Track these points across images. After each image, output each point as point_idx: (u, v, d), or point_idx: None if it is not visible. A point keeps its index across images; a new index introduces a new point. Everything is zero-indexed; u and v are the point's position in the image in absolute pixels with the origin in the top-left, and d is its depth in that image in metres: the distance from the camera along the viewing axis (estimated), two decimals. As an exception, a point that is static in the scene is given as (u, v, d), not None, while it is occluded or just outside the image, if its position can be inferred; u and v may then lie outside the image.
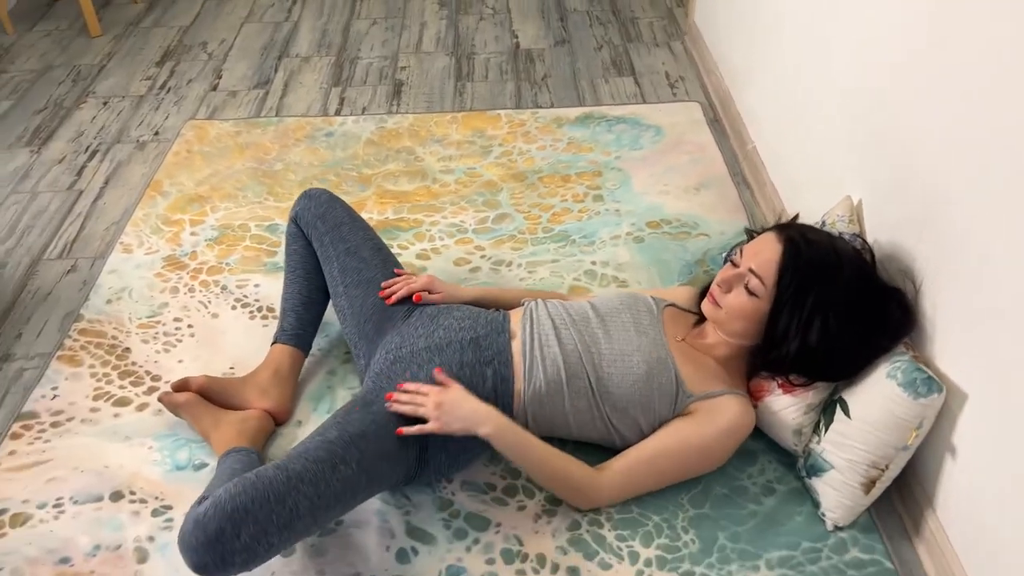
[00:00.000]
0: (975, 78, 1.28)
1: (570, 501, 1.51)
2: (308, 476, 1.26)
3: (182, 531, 1.21)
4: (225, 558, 1.19)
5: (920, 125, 1.46)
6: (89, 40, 3.28)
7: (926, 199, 1.43)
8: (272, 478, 1.24)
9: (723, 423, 1.46)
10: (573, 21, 3.34)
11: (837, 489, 1.46)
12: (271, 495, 1.22)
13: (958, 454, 1.36)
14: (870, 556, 1.44)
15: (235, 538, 1.18)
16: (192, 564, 1.20)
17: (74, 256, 2.18)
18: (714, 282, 1.53)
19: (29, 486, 1.60)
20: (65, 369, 1.84)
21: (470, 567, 1.44)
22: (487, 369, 1.51)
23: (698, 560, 1.44)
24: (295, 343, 1.76)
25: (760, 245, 1.48)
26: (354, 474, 1.31)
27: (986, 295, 1.26)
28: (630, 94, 2.83)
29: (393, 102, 2.82)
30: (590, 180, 2.38)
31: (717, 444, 1.48)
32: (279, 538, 1.22)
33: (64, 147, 2.63)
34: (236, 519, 1.19)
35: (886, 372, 1.39)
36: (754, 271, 1.45)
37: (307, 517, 1.25)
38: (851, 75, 1.76)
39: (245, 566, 1.22)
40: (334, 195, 1.81)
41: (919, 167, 1.46)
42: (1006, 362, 1.23)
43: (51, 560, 1.47)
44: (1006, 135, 1.20)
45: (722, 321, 1.51)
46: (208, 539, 1.18)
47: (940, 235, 1.39)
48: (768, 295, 1.44)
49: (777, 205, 2.17)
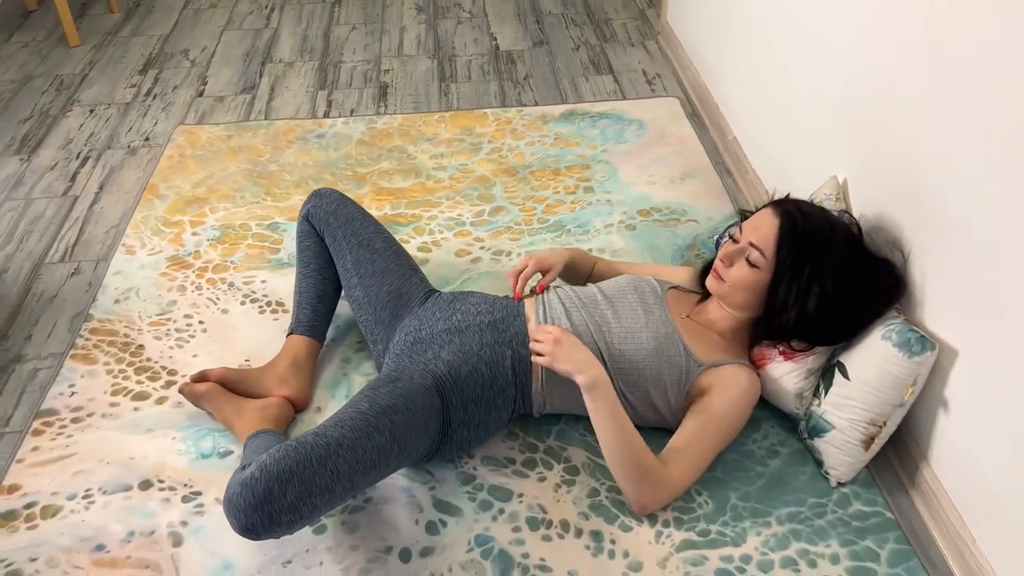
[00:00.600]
0: (949, 55, 1.39)
1: (634, 488, 1.49)
2: (346, 442, 1.32)
3: (228, 494, 1.26)
4: (273, 517, 1.24)
5: (898, 102, 1.57)
6: (68, 50, 3.28)
7: (908, 172, 1.54)
8: (313, 443, 1.30)
9: (737, 392, 1.55)
10: (549, 23, 3.44)
11: (839, 447, 1.56)
12: (313, 458, 1.28)
13: (950, 408, 1.47)
14: (872, 509, 1.54)
15: (282, 497, 1.24)
16: (240, 525, 1.25)
17: (76, 259, 2.20)
18: (717, 258, 1.62)
19: (56, 479, 1.63)
20: (80, 367, 1.86)
21: (498, 535, 1.51)
22: (506, 350, 1.58)
23: (713, 519, 1.53)
24: (311, 334, 1.81)
25: (758, 220, 1.57)
26: (387, 442, 1.37)
27: (970, 258, 1.37)
28: (610, 91, 2.93)
29: (380, 104, 2.88)
30: (579, 173, 2.47)
31: (737, 412, 1.55)
32: (321, 499, 1.28)
33: (55, 154, 2.64)
34: (283, 479, 1.24)
35: (881, 335, 1.49)
36: (754, 244, 1.54)
37: (346, 480, 1.31)
38: (829, 60, 1.87)
39: (290, 527, 1.27)
40: (343, 194, 1.87)
41: (899, 142, 1.57)
42: (992, 319, 1.33)
43: (86, 548, 1.50)
44: (980, 105, 1.30)
45: (726, 294, 1.60)
46: (256, 500, 1.23)
47: (923, 207, 1.50)
48: (768, 266, 1.54)
49: (760, 190, 2.28)
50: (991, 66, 1.28)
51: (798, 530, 1.50)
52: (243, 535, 1.26)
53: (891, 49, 1.60)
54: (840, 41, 1.82)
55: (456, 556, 1.47)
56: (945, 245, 1.44)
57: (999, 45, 1.27)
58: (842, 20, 1.81)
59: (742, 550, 1.47)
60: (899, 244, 1.58)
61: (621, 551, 1.48)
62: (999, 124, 1.27)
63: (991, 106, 1.29)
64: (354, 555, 1.48)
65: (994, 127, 1.28)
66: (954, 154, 1.40)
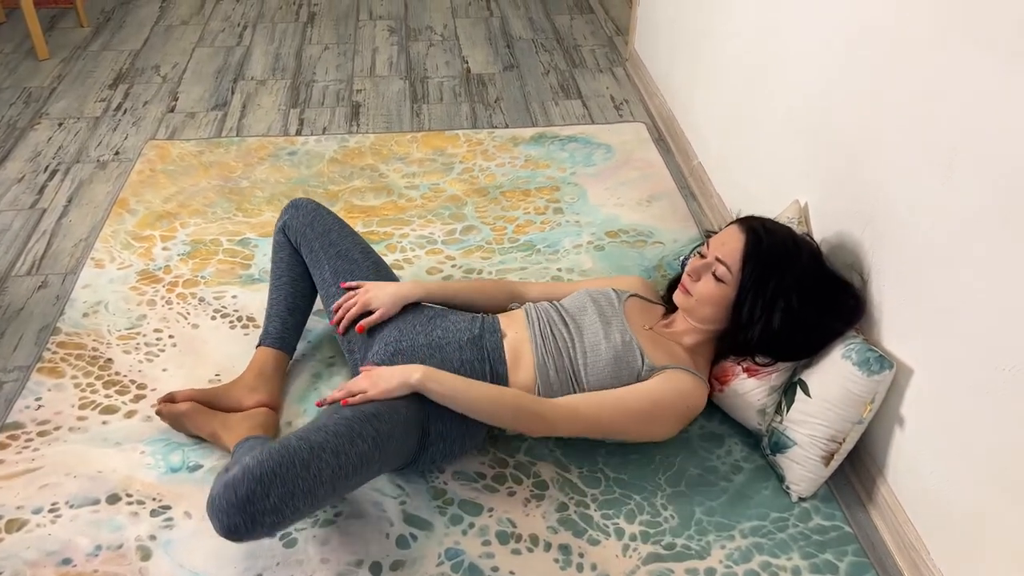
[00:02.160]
0: (910, 81, 1.46)
1: (525, 425, 1.54)
2: (329, 447, 1.34)
3: (211, 496, 1.27)
4: (255, 518, 1.25)
5: (859, 127, 1.64)
6: (37, 63, 3.26)
7: (867, 196, 1.61)
8: (296, 447, 1.31)
9: (672, 387, 1.58)
10: (519, 48, 3.50)
11: (800, 463, 1.61)
12: (297, 461, 1.29)
13: (906, 425, 1.52)
14: (831, 523, 1.59)
15: (264, 498, 1.25)
16: (223, 527, 1.26)
17: (44, 272, 2.19)
18: (684, 272, 1.67)
19: (22, 493, 1.61)
20: (47, 380, 1.85)
21: (468, 549, 1.53)
22: (485, 366, 1.61)
23: (678, 533, 1.56)
24: (279, 346, 1.82)
25: (725, 236, 1.63)
26: (369, 449, 1.39)
27: (926, 280, 1.43)
28: (579, 115, 2.99)
29: (352, 123, 2.91)
30: (549, 194, 2.52)
31: (664, 403, 1.58)
32: (304, 502, 1.29)
33: (22, 166, 2.62)
34: (265, 481, 1.25)
35: (841, 353, 1.55)
36: (720, 259, 1.60)
37: (328, 484, 1.32)
38: (792, 90, 1.94)
39: (272, 529, 1.28)
40: (320, 204, 1.89)
41: (860, 168, 1.64)
42: (946, 339, 1.39)
43: (52, 562, 1.49)
44: (938, 130, 1.37)
45: (692, 308, 1.64)
46: (239, 501, 1.24)
47: (881, 230, 1.56)
48: (734, 281, 1.59)
49: (724, 214, 2.34)
50: (951, 91, 1.35)
51: (761, 543, 1.54)
52: (226, 536, 1.27)
53: (853, 76, 1.67)
54: (803, 69, 1.89)
55: (426, 570, 1.49)
56: (902, 267, 1.51)
57: (958, 70, 1.34)
58: (805, 49, 1.88)
59: (707, 563, 1.51)
60: (858, 266, 1.65)
61: (589, 564, 1.50)
62: (957, 149, 1.34)
63: (949, 131, 1.36)
64: (325, 568, 1.48)
65: (953, 152, 1.35)
66: (912, 179, 1.47)
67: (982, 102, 1.27)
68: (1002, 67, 1.22)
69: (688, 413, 1.62)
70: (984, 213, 1.28)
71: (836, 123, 1.74)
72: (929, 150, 1.41)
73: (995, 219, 1.25)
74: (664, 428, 1.62)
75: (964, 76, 1.31)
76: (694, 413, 1.64)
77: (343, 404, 1.47)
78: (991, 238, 1.26)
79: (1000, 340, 1.26)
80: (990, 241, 1.27)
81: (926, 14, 1.41)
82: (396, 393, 1.49)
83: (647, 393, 1.57)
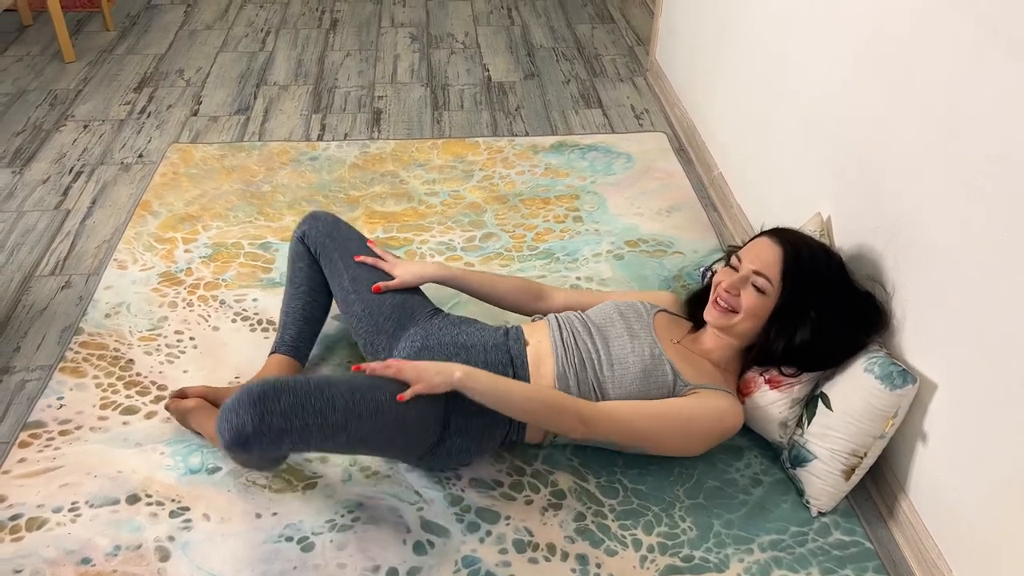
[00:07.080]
0: (932, 93, 1.45)
1: (563, 424, 1.52)
2: (345, 383, 1.40)
3: (224, 403, 1.31)
4: (264, 418, 1.28)
5: (881, 140, 1.63)
6: (63, 65, 3.30)
7: (890, 208, 1.60)
8: (315, 376, 1.40)
9: (712, 405, 1.58)
10: (540, 57, 3.51)
11: (820, 477, 1.59)
12: (311, 383, 1.36)
13: (929, 440, 1.51)
14: (851, 538, 1.57)
15: (276, 401, 1.29)
16: (230, 425, 1.29)
17: (67, 272, 2.21)
18: (720, 288, 1.65)
19: (42, 491, 1.62)
20: (69, 380, 1.86)
21: (484, 557, 1.52)
22: (508, 371, 1.61)
23: (696, 545, 1.55)
24: (293, 354, 1.82)
25: (758, 248, 1.62)
26: (386, 402, 1.42)
27: (951, 294, 1.42)
28: (599, 124, 2.99)
29: (374, 129, 2.92)
30: (568, 203, 2.52)
31: (700, 421, 1.57)
32: (313, 420, 1.33)
33: (47, 168, 2.65)
34: (278, 387, 1.32)
35: (863, 367, 1.54)
36: (759, 272, 1.59)
37: (340, 414, 1.36)
38: (813, 101, 1.93)
39: (280, 437, 1.31)
40: (338, 216, 1.90)
41: (883, 180, 1.63)
42: (971, 353, 1.38)
43: (71, 561, 1.50)
44: (963, 145, 1.36)
45: (732, 324, 1.63)
46: (252, 399, 1.28)
47: (905, 243, 1.55)
48: (775, 292, 1.58)
49: (744, 225, 2.34)
50: (976, 102, 1.34)
51: (779, 557, 1.53)
52: (231, 441, 1.29)
53: (875, 87, 1.66)
54: (823, 81, 1.88)
55: (443, 576, 1.49)
56: (926, 280, 1.49)
57: (979, 81, 1.33)
58: (827, 61, 1.87)
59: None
60: (881, 279, 1.63)
61: (606, 574, 1.50)
62: (981, 160, 1.33)
63: (973, 144, 1.35)
64: (341, 573, 1.48)
65: (976, 163, 1.34)
66: (936, 190, 1.45)
67: (1009, 112, 1.26)
68: (1032, 81, 1.21)
69: (724, 434, 1.62)
70: (1009, 228, 1.27)
71: (858, 135, 1.73)
72: (953, 163, 1.40)
73: (1020, 234, 1.24)
74: (698, 444, 1.62)
75: (990, 86, 1.30)
76: (730, 434, 1.63)
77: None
78: (1016, 253, 1.25)
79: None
80: (1015, 256, 1.26)
81: (949, 24, 1.40)
82: (440, 390, 1.49)
83: (687, 408, 1.57)
